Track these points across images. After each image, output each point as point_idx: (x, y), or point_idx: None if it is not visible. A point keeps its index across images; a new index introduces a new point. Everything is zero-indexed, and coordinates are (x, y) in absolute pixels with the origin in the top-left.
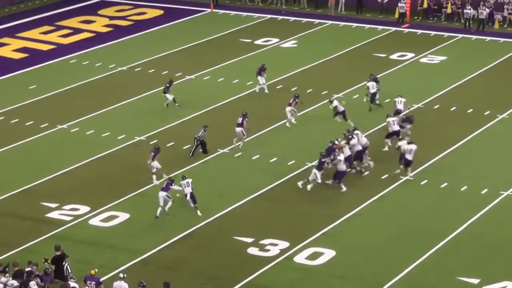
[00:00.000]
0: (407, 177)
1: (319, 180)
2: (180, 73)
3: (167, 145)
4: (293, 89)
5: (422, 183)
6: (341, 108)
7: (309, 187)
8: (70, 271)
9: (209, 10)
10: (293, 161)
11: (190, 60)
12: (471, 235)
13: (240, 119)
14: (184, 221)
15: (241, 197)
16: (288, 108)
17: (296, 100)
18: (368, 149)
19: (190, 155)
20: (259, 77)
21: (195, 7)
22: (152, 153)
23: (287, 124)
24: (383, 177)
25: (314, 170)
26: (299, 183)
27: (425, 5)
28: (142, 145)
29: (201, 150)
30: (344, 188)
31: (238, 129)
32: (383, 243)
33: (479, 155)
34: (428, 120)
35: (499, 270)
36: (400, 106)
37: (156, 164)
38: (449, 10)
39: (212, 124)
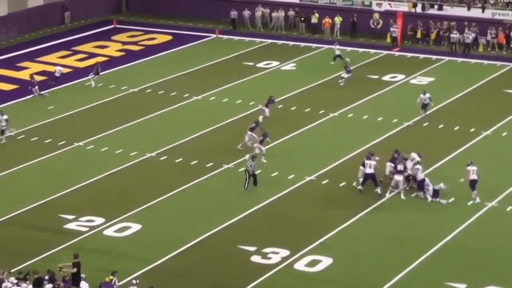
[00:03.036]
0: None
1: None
2: (187, 94)
3: (176, 161)
4: (292, 109)
5: (412, 195)
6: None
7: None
8: (82, 276)
9: (214, 35)
10: (293, 175)
11: (196, 82)
12: (458, 244)
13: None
14: (191, 232)
15: (244, 208)
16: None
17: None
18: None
19: (245, 187)
20: (265, 108)
21: (201, 32)
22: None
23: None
24: (375, 190)
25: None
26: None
27: (418, 35)
28: (155, 160)
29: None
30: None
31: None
32: (377, 251)
33: (465, 169)
34: (418, 137)
35: (485, 276)
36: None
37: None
38: (433, 37)
39: (217, 140)
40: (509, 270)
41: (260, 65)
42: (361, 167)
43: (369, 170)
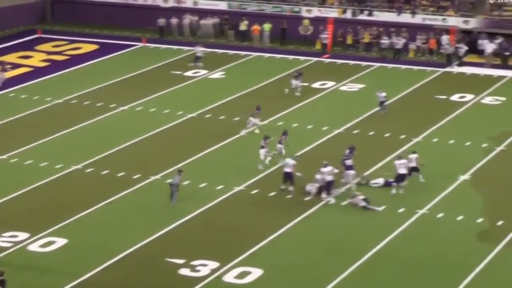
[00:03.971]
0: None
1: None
2: (114, 105)
3: (102, 173)
4: (221, 118)
5: (343, 203)
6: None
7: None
8: None
9: (141, 44)
10: (222, 186)
11: (123, 92)
12: (391, 252)
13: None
14: (119, 245)
15: (172, 220)
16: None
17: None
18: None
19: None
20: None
21: (128, 41)
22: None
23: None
24: (306, 199)
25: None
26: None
27: (349, 41)
28: (81, 172)
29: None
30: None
31: (279, 146)
32: (308, 261)
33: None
34: (348, 144)
35: (418, 284)
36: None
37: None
38: (366, 40)
39: (145, 151)
40: (441, 277)
41: (188, 73)
42: (317, 176)
43: (329, 178)
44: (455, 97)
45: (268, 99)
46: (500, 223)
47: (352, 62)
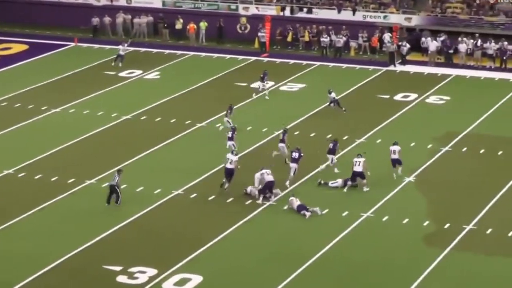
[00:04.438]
0: (271, 202)
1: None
2: (46, 107)
3: (35, 177)
4: (157, 120)
5: (285, 207)
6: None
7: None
8: None
9: (73, 44)
10: (159, 190)
11: (55, 93)
12: (335, 256)
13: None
14: (53, 252)
15: (109, 226)
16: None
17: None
18: None
19: (117, 202)
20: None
21: (59, 41)
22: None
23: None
24: (247, 203)
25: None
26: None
27: (288, 39)
28: (13, 177)
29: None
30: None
31: (280, 145)
32: (249, 267)
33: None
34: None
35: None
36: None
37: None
38: (306, 38)
39: (79, 155)
40: (389, 282)
41: (122, 74)
42: (257, 175)
43: (268, 178)
44: (398, 97)
45: (205, 100)
46: (447, 226)
47: (291, 61)
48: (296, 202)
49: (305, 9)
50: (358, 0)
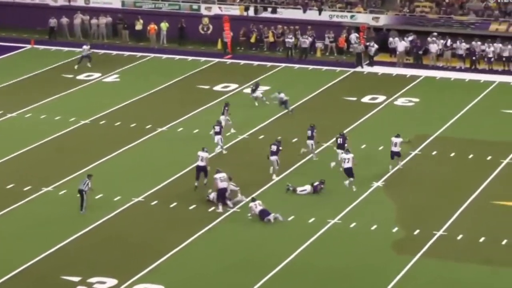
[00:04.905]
0: (232, 209)
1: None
2: (1, 112)
3: None
4: (116, 124)
5: (249, 214)
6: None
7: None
8: None
9: (29, 46)
10: (119, 197)
11: (10, 97)
12: (301, 264)
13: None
14: (8, 263)
15: (67, 235)
16: (222, 117)
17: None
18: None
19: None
20: (222, 117)
21: (14, 43)
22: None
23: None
24: (209, 210)
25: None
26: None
27: (252, 40)
28: None
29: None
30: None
31: (309, 142)
32: (213, 276)
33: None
34: (252, 151)
35: None
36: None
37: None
38: (271, 39)
39: (35, 161)
40: None
41: (80, 77)
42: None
43: (222, 185)
44: (366, 99)
45: (166, 103)
46: (416, 232)
47: (256, 63)
48: (258, 207)
49: (269, 9)
50: None
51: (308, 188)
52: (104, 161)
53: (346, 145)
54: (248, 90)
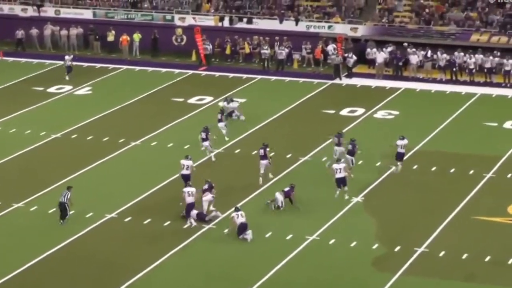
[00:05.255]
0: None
1: None
2: None
3: None
4: (88, 138)
5: (225, 231)
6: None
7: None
8: None
9: None
10: (92, 213)
11: None
12: (280, 281)
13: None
14: None
15: (38, 253)
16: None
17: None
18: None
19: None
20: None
21: None
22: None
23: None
24: (184, 227)
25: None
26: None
27: (227, 52)
28: None
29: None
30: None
31: (339, 148)
32: None
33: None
34: (221, 169)
35: None
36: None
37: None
38: (246, 50)
39: (5, 177)
40: None
41: (51, 90)
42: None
43: (189, 200)
44: (344, 112)
45: (140, 116)
46: (397, 248)
47: (231, 75)
48: (239, 218)
49: (245, 20)
50: (301, 9)
51: (279, 196)
52: (76, 176)
53: (355, 152)
54: (223, 103)
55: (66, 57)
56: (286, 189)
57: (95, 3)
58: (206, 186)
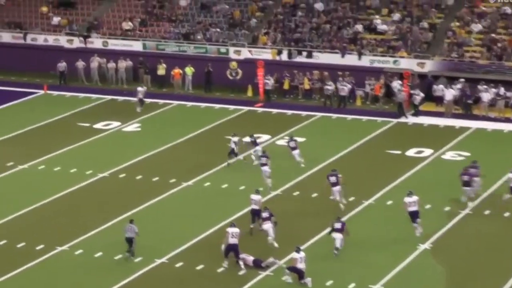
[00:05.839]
0: None
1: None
2: (12, 163)
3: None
4: (137, 178)
5: (285, 277)
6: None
7: None
8: None
9: (42, 92)
10: (141, 258)
11: (23, 148)
12: None
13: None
14: None
15: None
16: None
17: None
18: None
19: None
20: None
21: (26, 88)
22: None
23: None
24: (240, 273)
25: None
26: None
27: (285, 87)
28: None
29: None
30: None
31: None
32: None
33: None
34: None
35: None
36: None
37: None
38: (306, 86)
39: (48, 218)
40: None
41: (97, 126)
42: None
43: (232, 241)
44: (411, 152)
45: (192, 155)
46: None
47: (290, 112)
48: (301, 262)
49: (304, 53)
50: (364, 42)
51: (337, 236)
52: (124, 218)
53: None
54: (283, 142)
55: (139, 88)
56: (338, 226)
57: (145, 34)
58: (266, 214)
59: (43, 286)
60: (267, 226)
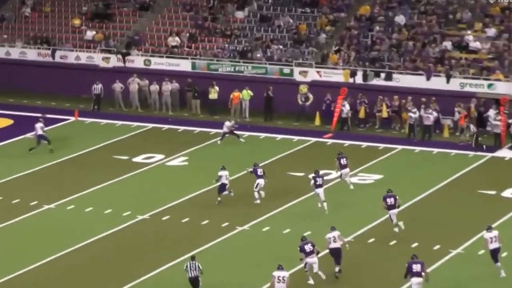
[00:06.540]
0: None
1: None
2: (36, 202)
3: None
4: (183, 220)
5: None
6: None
7: None
8: None
9: (73, 118)
10: None
11: (49, 184)
12: None
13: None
14: None
15: None
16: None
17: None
18: None
19: None
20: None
21: (54, 114)
22: None
23: None
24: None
25: None
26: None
27: (361, 115)
28: None
29: None
30: None
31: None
32: None
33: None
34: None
35: None
36: None
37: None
38: (384, 114)
39: (77, 267)
40: None
41: (137, 159)
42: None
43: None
44: (508, 193)
45: (248, 194)
46: None
47: (364, 144)
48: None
49: (382, 75)
50: (454, 62)
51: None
52: (168, 267)
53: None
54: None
55: (227, 123)
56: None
57: (195, 52)
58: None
59: None
60: (312, 260)
